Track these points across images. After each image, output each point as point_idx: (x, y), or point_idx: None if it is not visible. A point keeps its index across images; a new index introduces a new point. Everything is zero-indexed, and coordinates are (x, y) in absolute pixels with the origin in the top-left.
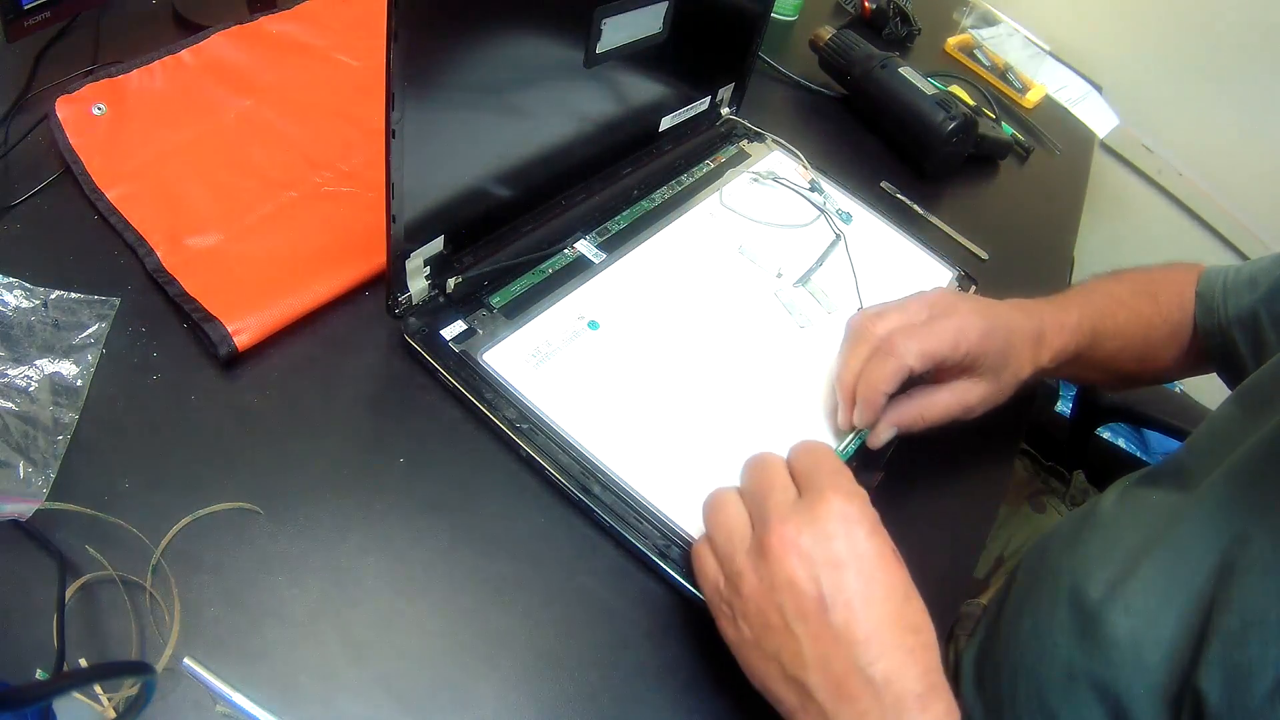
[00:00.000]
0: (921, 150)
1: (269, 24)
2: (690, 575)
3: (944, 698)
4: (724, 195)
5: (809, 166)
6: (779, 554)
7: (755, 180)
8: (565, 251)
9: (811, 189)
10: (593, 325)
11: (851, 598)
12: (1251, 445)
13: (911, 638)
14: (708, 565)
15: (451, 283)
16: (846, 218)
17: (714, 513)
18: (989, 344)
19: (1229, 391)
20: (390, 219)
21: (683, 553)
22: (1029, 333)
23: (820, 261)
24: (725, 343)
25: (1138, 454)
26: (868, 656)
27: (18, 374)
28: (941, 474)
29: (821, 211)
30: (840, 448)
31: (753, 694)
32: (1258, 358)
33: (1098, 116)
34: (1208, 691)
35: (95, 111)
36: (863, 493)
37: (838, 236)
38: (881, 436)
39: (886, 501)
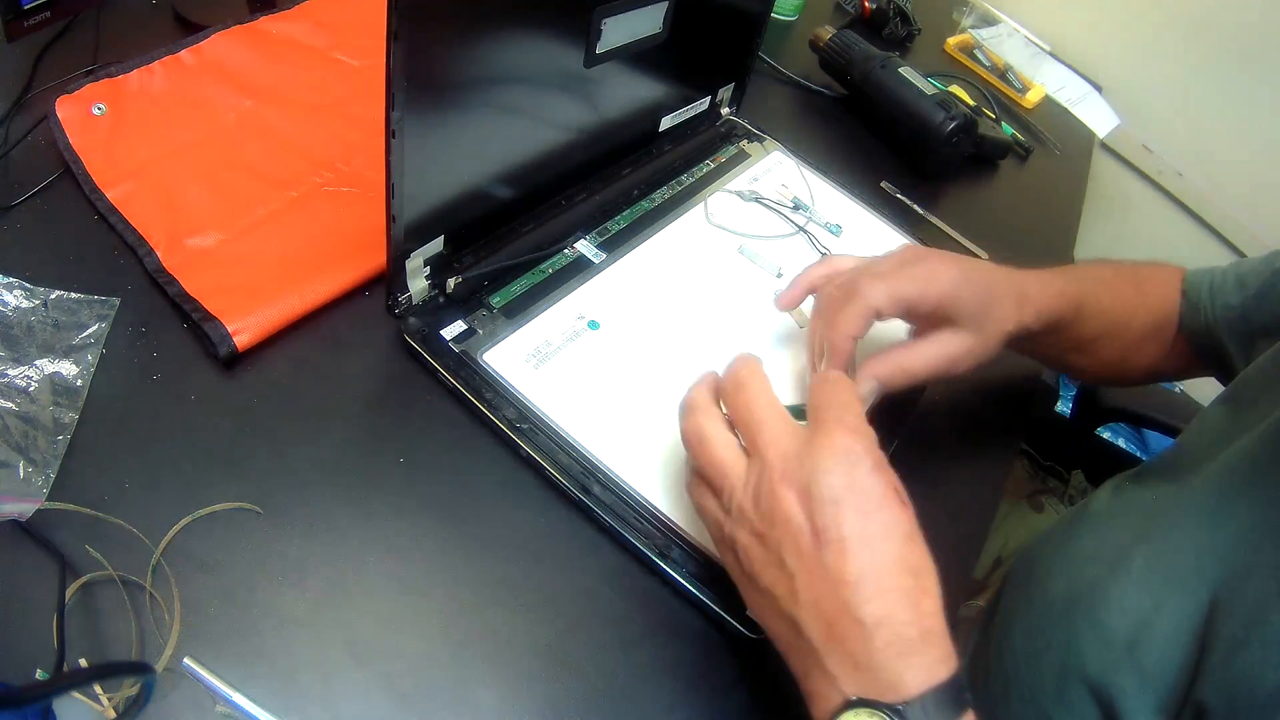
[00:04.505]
0: (921, 150)
1: (269, 24)
2: (691, 576)
3: (939, 645)
4: (710, 211)
5: (789, 184)
6: (776, 490)
7: (738, 196)
8: (565, 251)
9: (795, 207)
10: (593, 325)
11: (846, 536)
12: (1245, 444)
13: (910, 580)
14: (706, 501)
15: (451, 283)
16: (835, 230)
17: (701, 446)
18: (965, 291)
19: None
20: (390, 219)
21: (683, 553)
22: (1011, 287)
23: None
24: (725, 342)
25: (1137, 454)
26: (859, 598)
27: (18, 374)
28: (941, 473)
29: (802, 230)
30: None
31: (752, 694)
32: (1247, 357)
33: (1098, 116)
34: (1210, 700)
35: (95, 111)
36: (869, 431)
37: (824, 255)
38: (862, 389)
39: None
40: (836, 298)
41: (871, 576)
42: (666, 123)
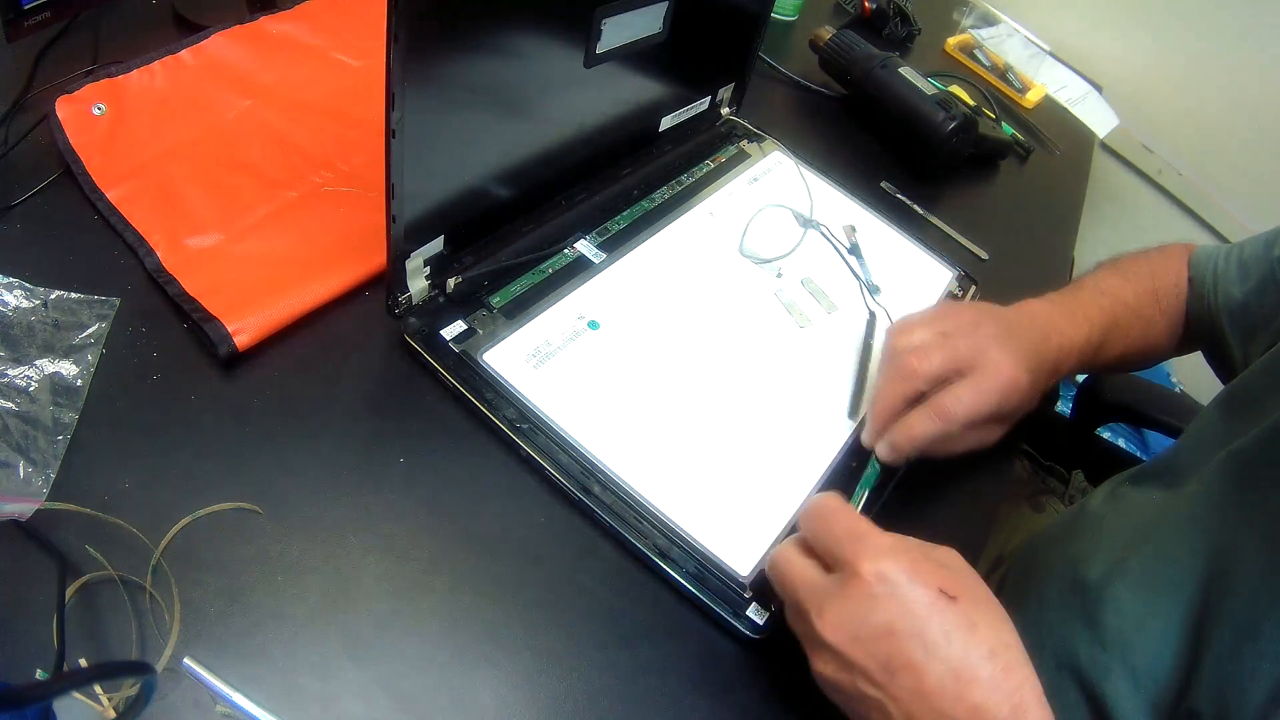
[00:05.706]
0: (922, 150)
1: (269, 24)
2: (691, 576)
3: (1033, 712)
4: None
5: (854, 229)
6: (834, 646)
7: (793, 218)
8: (565, 251)
9: (851, 250)
10: (593, 325)
11: (913, 658)
12: (1239, 449)
13: (987, 665)
14: (798, 627)
15: (451, 283)
16: (875, 290)
17: (779, 573)
18: (1027, 401)
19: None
20: (390, 219)
21: (683, 553)
22: (1050, 368)
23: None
24: (725, 343)
25: (1137, 454)
26: (948, 701)
27: (18, 374)
28: (941, 474)
29: (857, 277)
30: (859, 489)
31: (752, 694)
32: (1245, 347)
33: (1098, 116)
34: (1201, 708)
35: (95, 111)
36: (890, 543)
37: (871, 315)
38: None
39: (886, 502)
40: (923, 411)
41: (951, 679)
42: (666, 123)
